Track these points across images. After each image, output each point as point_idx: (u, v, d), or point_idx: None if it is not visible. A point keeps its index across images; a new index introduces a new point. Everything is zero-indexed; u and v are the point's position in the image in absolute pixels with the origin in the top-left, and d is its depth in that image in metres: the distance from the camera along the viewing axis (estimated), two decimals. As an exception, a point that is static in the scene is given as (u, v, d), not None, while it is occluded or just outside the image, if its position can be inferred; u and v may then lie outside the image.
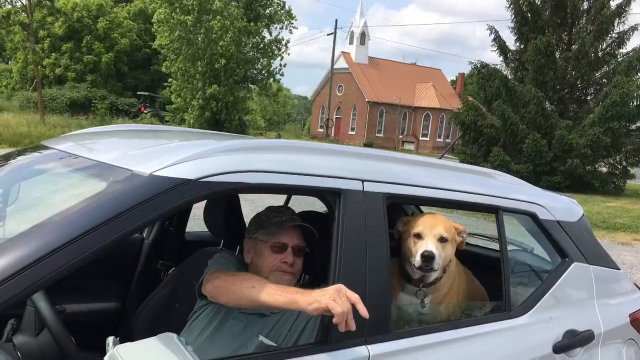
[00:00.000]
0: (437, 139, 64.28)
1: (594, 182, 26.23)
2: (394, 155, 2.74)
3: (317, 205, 2.63)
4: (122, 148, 2.40)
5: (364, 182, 2.21)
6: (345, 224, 2.09)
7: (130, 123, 27.56)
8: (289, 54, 41.59)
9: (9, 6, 29.62)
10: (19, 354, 2.02)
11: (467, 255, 3.09)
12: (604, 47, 27.49)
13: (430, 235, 2.59)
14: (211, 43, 35.90)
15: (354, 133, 64.38)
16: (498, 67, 28.34)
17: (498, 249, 2.78)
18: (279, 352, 2.07)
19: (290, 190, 2.82)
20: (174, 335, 2.15)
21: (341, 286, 1.87)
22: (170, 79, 39.01)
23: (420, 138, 64.60)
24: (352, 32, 66.13)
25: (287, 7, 41.01)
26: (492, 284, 2.93)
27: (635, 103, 25.86)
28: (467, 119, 27.40)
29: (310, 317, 2.29)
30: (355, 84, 63.58)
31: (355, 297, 1.83)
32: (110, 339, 2.07)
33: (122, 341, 2.05)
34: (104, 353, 2.00)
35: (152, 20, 38.90)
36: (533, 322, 2.61)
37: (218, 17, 35.04)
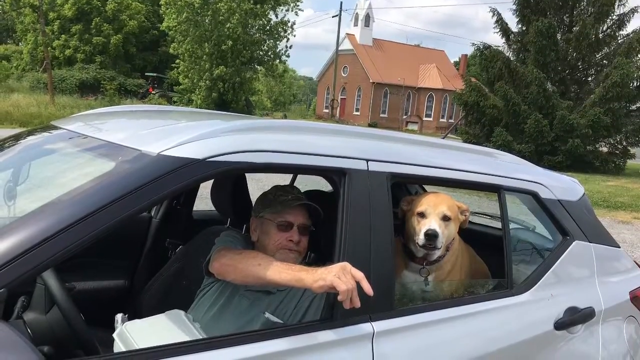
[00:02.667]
0: (441, 120, 64.07)
1: (595, 162, 26.27)
2: (398, 135, 2.73)
3: (322, 185, 2.65)
4: (131, 128, 2.41)
5: (369, 162, 2.21)
6: (350, 203, 2.11)
7: (138, 104, 27.53)
8: (294, 36, 41.48)
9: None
10: (29, 330, 2.04)
11: (469, 234, 3.11)
12: (604, 29, 27.48)
13: (433, 214, 2.62)
14: (218, 25, 35.79)
15: (358, 114, 64.18)
16: (500, 48, 28.37)
17: (500, 227, 2.80)
18: (284, 328, 2.08)
19: (296, 170, 2.83)
20: (182, 312, 2.20)
21: (346, 264, 1.89)
22: (177, 60, 38.96)
23: (424, 118, 64.39)
24: (357, 14, 65.74)
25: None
26: (494, 262, 2.96)
27: (635, 84, 25.94)
28: (470, 99, 27.38)
29: (316, 295, 2.30)
30: (359, 65, 63.29)
31: (359, 274, 1.85)
32: (119, 316, 2.11)
33: (130, 318, 2.10)
34: (113, 330, 2.04)
35: (160, 2, 38.70)
36: (535, 299, 2.63)
37: (225, -1, 34.94)
